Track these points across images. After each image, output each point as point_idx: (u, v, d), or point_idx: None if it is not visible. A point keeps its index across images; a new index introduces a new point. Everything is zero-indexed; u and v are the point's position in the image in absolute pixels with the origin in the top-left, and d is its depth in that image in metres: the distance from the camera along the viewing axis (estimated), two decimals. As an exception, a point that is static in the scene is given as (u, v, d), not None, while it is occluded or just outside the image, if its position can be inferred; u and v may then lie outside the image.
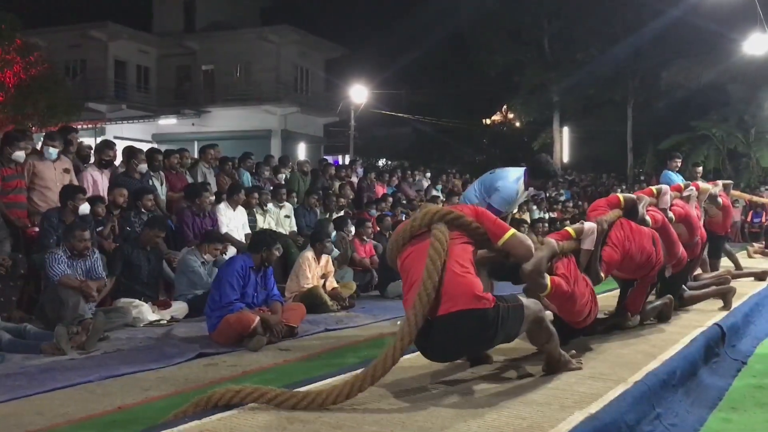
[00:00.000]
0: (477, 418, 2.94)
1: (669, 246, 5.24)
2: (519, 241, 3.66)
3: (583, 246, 4.40)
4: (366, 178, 13.37)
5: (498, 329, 3.35)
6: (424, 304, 3.25)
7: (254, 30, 29.82)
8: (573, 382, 3.55)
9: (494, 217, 3.78)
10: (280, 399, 3.07)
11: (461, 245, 3.52)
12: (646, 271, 4.94)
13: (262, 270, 5.90)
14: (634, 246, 4.76)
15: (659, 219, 5.26)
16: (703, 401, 4.05)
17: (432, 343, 3.41)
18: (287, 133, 28.72)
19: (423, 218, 3.58)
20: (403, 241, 3.63)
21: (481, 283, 3.38)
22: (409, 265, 3.55)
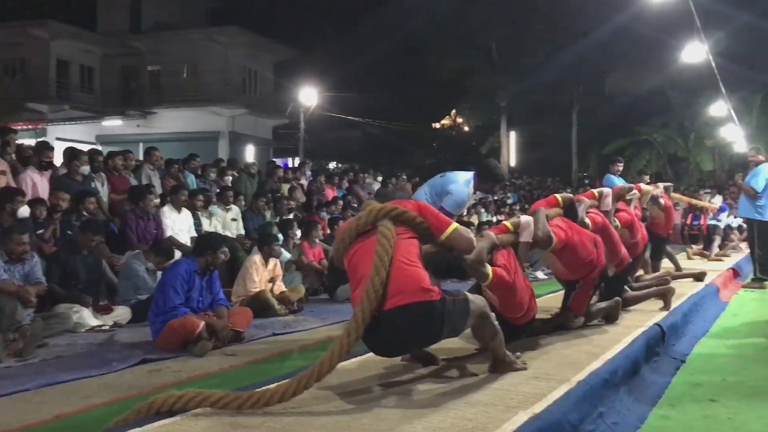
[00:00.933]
0: (423, 420, 2.94)
1: (611, 247, 5.37)
2: (461, 235, 3.73)
3: (521, 239, 4.52)
4: (316, 180, 13.30)
5: (444, 322, 3.40)
6: (372, 300, 3.28)
7: (201, 30, 29.42)
8: (518, 383, 3.59)
9: (436, 211, 3.85)
10: (224, 401, 3.03)
11: (407, 240, 3.57)
12: (588, 272, 5.02)
13: (207, 274, 5.80)
14: (576, 238, 4.85)
15: (599, 221, 5.38)
16: (644, 399, 4.14)
17: (380, 339, 3.42)
18: (235, 135, 28.41)
19: (368, 216, 3.63)
20: (350, 239, 3.67)
21: (427, 276, 3.44)
22: (356, 263, 3.58)
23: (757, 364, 5.22)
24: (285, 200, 10.64)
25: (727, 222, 15.29)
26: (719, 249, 13.97)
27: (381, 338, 3.41)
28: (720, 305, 8.09)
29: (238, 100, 28.63)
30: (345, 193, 13.48)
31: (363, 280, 3.41)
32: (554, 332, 5.05)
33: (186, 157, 11.16)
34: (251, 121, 29.13)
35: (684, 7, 10.22)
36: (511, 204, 18.33)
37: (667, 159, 26.19)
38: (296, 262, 8.68)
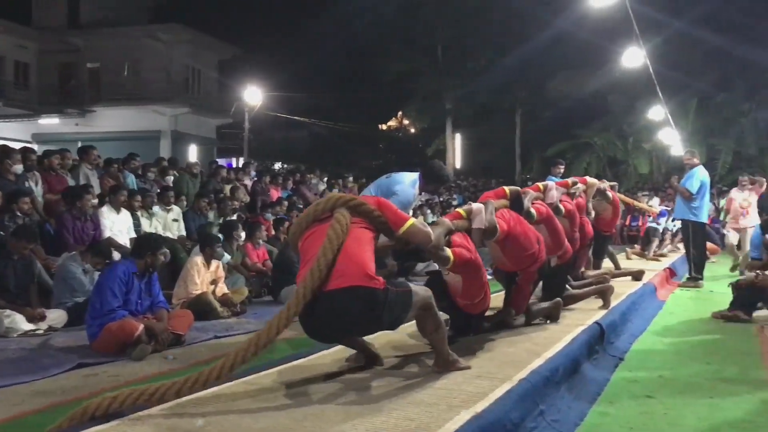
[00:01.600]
0: (365, 421, 2.92)
1: (554, 237, 5.48)
2: (418, 229, 3.84)
3: (473, 225, 4.60)
4: (260, 181, 13.16)
5: (384, 311, 3.41)
6: (315, 279, 3.30)
7: (143, 27, 28.72)
8: (461, 381, 3.60)
9: (395, 207, 3.91)
10: (161, 392, 2.99)
11: (361, 229, 3.62)
12: (528, 265, 5.10)
13: (146, 276, 5.66)
14: (520, 228, 4.95)
15: (543, 211, 5.50)
16: (584, 396, 4.20)
17: (318, 319, 3.41)
18: (178, 135, 27.88)
19: (327, 203, 3.71)
20: (306, 223, 3.73)
21: (373, 265, 3.47)
22: (308, 246, 3.62)
23: (692, 360, 5.37)
24: (228, 201, 10.50)
25: (665, 226, 15.73)
26: (656, 250, 14.35)
27: (318, 319, 3.41)
28: (657, 304, 8.31)
29: (180, 99, 28.08)
30: (290, 194, 13.37)
31: (310, 260, 3.43)
32: (497, 330, 5.10)
33: (126, 156, 10.90)
34: (194, 120, 28.62)
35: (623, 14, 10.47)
36: (456, 205, 18.45)
37: (606, 161, 26.89)
38: (239, 265, 8.54)
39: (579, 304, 6.47)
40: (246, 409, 3.11)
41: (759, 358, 5.51)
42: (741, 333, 6.56)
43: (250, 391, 3.46)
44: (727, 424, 3.74)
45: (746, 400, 4.23)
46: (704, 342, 6.19)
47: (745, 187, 11.97)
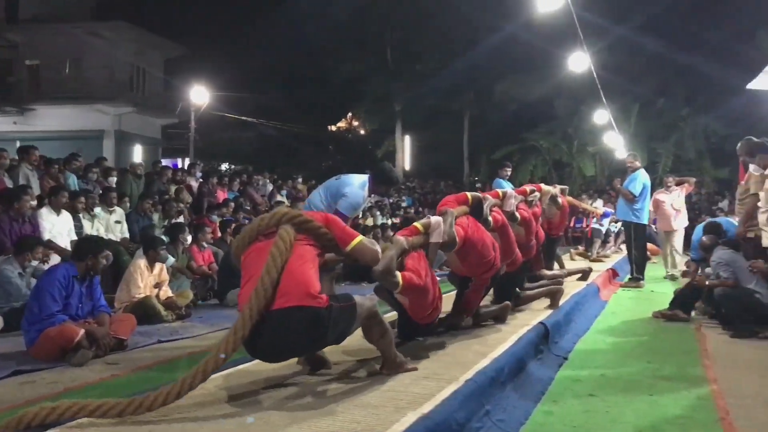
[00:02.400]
0: (312, 424, 2.90)
1: (506, 245, 5.50)
2: (366, 247, 3.81)
3: (431, 239, 4.56)
4: (207, 182, 12.94)
5: (329, 329, 3.40)
6: (260, 299, 3.25)
7: (85, 24, 27.90)
8: (408, 383, 3.61)
9: (343, 224, 3.86)
10: (103, 410, 2.88)
11: (306, 247, 3.58)
12: (483, 271, 5.13)
13: (87, 279, 5.51)
14: (478, 235, 4.95)
15: (500, 219, 5.52)
16: (529, 395, 4.27)
17: (263, 340, 3.35)
18: (122, 134, 27.22)
19: (272, 218, 3.64)
20: (250, 239, 3.66)
21: (318, 283, 3.43)
22: (250, 262, 3.56)
23: (633, 359, 5.50)
24: (173, 202, 10.31)
25: (608, 227, 16.10)
26: (600, 251, 14.69)
27: (263, 340, 3.35)
28: (600, 304, 8.49)
29: (124, 98, 27.40)
30: (237, 195, 13.21)
31: (253, 278, 3.38)
32: (445, 332, 5.14)
33: (67, 156, 10.61)
34: (139, 119, 27.98)
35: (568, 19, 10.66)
36: (405, 207, 18.55)
37: (552, 164, 27.39)
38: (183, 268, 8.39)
39: (530, 304, 6.58)
40: (190, 416, 3.05)
41: (697, 355, 5.67)
42: (680, 332, 6.76)
43: (195, 396, 3.39)
44: (665, 421, 3.84)
45: (684, 396, 4.36)
46: (645, 341, 6.35)
47: (672, 188, 11.57)
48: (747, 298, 6.45)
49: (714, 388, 4.54)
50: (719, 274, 6.69)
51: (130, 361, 5.14)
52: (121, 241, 8.92)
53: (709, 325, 7.03)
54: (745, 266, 6.56)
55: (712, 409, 4.08)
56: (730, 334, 6.51)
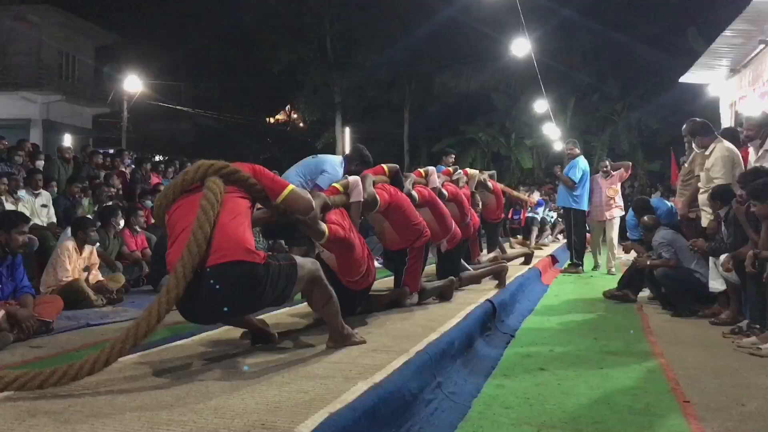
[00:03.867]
0: (255, 395, 2.69)
1: (440, 220, 5.54)
2: (298, 196, 3.60)
3: (352, 199, 4.52)
4: (140, 168, 12.46)
5: (267, 287, 3.17)
6: (194, 256, 2.99)
7: (10, 8, 26.67)
8: (356, 356, 3.44)
9: (272, 174, 3.64)
10: (22, 381, 2.61)
11: (236, 199, 3.33)
12: (414, 237, 5.10)
13: (9, 259, 5.12)
14: (402, 199, 4.99)
15: (426, 194, 5.57)
16: (479, 371, 4.15)
17: (197, 300, 3.10)
18: (50, 124, 26.10)
19: (196, 172, 3.35)
20: (174, 195, 3.36)
21: (252, 239, 3.23)
22: (176, 219, 3.27)
23: (580, 337, 5.47)
24: (104, 187, 9.83)
25: (543, 215, 16.28)
26: (537, 240, 14.82)
27: (197, 300, 3.10)
28: (542, 287, 8.52)
29: (53, 86, 26.29)
30: (172, 182, 12.75)
31: (182, 234, 3.12)
32: (389, 309, 5.01)
33: (-13, 137, 10.02)
34: (68, 108, 26.90)
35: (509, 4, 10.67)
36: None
37: (491, 157, 27.62)
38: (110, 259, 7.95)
39: (472, 285, 6.51)
40: (121, 389, 2.80)
41: (641, 333, 5.69)
42: (623, 311, 6.81)
43: (125, 371, 3.14)
44: (617, 392, 3.79)
45: (634, 369, 4.33)
46: (589, 320, 6.36)
47: (609, 174, 10.52)
48: (688, 277, 6.52)
49: (662, 361, 4.53)
50: (661, 254, 6.74)
51: (56, 344, 4.78)
52: (47, 226, 8.45)
53: (649, 306, 7.11)
54: (686, 246, 6.62)
55: (661, 380, 4.05)
56: (671, 313, 6.57)
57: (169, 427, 2.27)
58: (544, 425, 3.14)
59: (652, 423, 3.23)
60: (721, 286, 6.09)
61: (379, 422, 2.58)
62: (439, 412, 3.20)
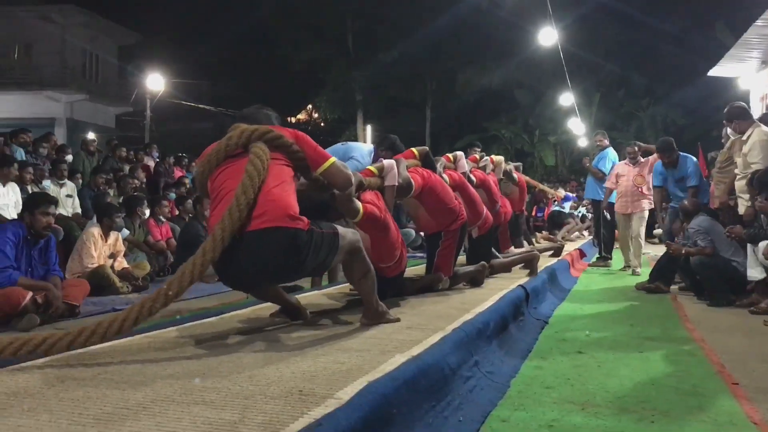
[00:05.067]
0: (290, 366, 2.58)
1: (470, 204, 5.45)
2: (339, 170, 3.47)
3: (386, 183, 4.42)
4: (164, 162, 12.46)
5: (309, 254, 3.07)
6: (234, 220, 2.90)
7: (35, 8, 26.94)
8: (390, 332, 3.33)
9: (315, 144, 3.49)
10: (50, 342, 2.54)
11: (281, 167, 3.22)
12: (450, 220, 4.99)
13: (41, 243, 5.08)
14: (436, 181, 4.88)
15: (456, 178, 5.51)
16: (515, 353, 4.03)
17: (236, 264, 3.02)
18: (74, 123, 26.33)
19: (240, 137, 3.23)
20: (216, 161, 3.25)
21: (297, 206, 3.10)
22: (219, 184, 3.19)
23: (615, 323, 5.33)
24: (128, 179, 9.82)
25: (570, 211, 16.06)
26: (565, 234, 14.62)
27: (236, 264, 3.02)
28: (572, 279, 8.35)
29: (77, 85, 26.53)
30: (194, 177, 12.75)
31: (225, 198, 3.03)
32: (421, 293, 4.90)
33: (14, 130, 10.04)
34: (91, 108, 27.12)
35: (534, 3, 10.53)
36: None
37: (514, 154, 27.40)
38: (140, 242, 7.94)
39: (503, 273, 6.41)
40: (151, 359, 2.71)
41: (678, 320, 5.53)
42: (657, 301, 6.65)
43: (155, 343, 3.07)
44: (661, 374, 3.64)
45: (675, 353, 4.17)
46: (623, 309, 6.20)
47: (637, 160, 9.15)
48: (725, 266, 6.32)
49: (703, 347, 4.37)
50: (697, 242, 6.55)
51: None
52: (72, 216, 8.44)
53: (683, 296, 6.92)
54: (723, 234, 6.43)
55: (705, 363, 3.90)
56: (707, 302, 6.38)
57: (203, 393, 2.17)
58: (588, 404, 3.01)
59: (702, 403, 3.07)
60: (760, 274, 5.90)
61: (420, 393, 2.47)
62: (478, 390, 3.08)
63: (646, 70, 25.30)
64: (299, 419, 1.88)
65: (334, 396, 2.10)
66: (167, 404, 2.04)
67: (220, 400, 2.08)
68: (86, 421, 1.87)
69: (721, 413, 2.91)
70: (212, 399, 2.10)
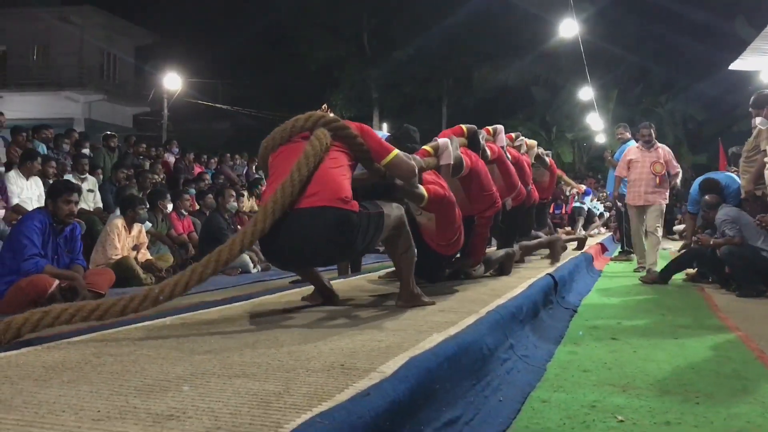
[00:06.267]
0: (328, 343, 2.54)
1: (507, 177, 5.50)
2: (403, 161, 3.52)
3: (441, 161, 4.39)
4: (184, 159, 12.49)
5: (358, 235, 3.11)
6: (287, 195, 2.94)
7: (53, 9, 27.17)
8: (425, 314, 3.29)
9: (379, 137, 3.55)
10: (103, 308, 2.54)
11: (340, 153, 3.27)
12: (487, 206, 4.96)
13: (67, 231, 5.08)
14: (480, 166, 4.88)
15: (496, 150, 5.55)
16: (548, 338, 3.96)
17: (283, 240, 3.03)
18: (91, 123, 26.45)
19: (306, 120, 3.33)
20: (281, 140, 3.35)
21: (350, 190, 3.14)
22: (279, 162, 3.27)
23: (645, 312, 5.26)
24: (148, 174, 9.83)
25: (590, 206, 15.94)
26: (584, 230, 14.50)
27: (284, 240, 3.02)
28: (595, 272, 8.27)
29: (95, 85, 26.74)
30: (213, 173, 12.78)
31: (281, 177, 3.07)
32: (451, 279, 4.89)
33: (36, 125, 10.10)
34: (109, 108, 27.29)
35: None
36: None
37: (531, 151, 27.31)
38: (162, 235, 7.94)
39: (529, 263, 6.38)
40: (186, 337, 2.67)
41: (708, 310, 5.44)
42: (684, 292, 6.59)
43: (188, 324, 3.03)
44: (700, 359, 3.56)
45: (711, 340, 4.09)
46: (652, 299, 6.13)
47: (652, 143, 8.03)
48: (754, 256, 6.22)
49: (739, 334, 4.27)
50: (725, 231, 6.44)
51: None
52: (94, 210, 8.46)
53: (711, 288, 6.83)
54: (751, 223, 6.32)
55: (744, 350, 3.81)
56: (736, 293, 6.27)
57: (243, 367, 2.13)
58: (629, 386, 2.93)
59: (745, 386, 2.99)
60: (792, 263, 5.79)
61: (461, 371, 2.42)
62: (515, 372, 3.02)
63: (664, 65, 25.05)
64: (345, 390, 1.83)
65: (377, 369, 2.05)
66: (208, 377, 2.00)
67: (261, 374, 2.04)
68: (127, 392, 1.83)
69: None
70: (253, 372, 2.06)
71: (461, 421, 2.20)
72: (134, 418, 1.58)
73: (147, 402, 1.72)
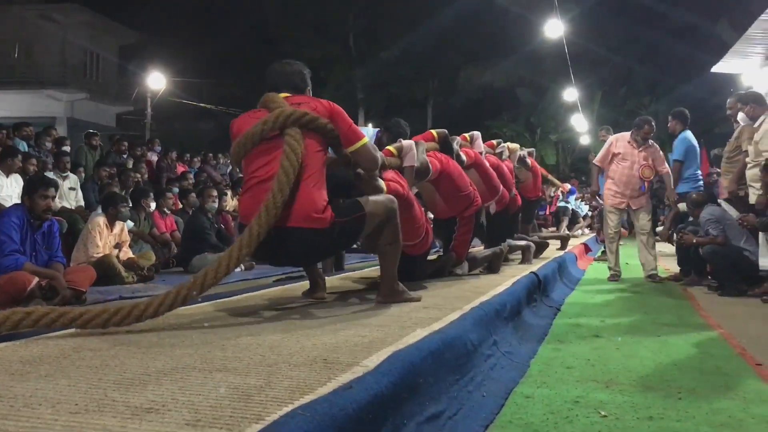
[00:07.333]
0: (310, 338, 2.52)
1: (487, 181, 5.46)
2: (369, 151, 3.52)
3: (405, 163, 4.43)
4: (166, 157, 12.39)
5: (330, 245, 3.33)
6: (271, 217, 2.97)
7: (36, 7, 26.82)
8: (409, 310, 3.28)
9: (350, 121, 3.50)
10: (85, 318, 2.50)
11: (313, 154, 3.23)
12: (465, 207, 4.98)
13: (45, 227, 5.01)
14: (452, 167, 4.89)
15: (473, 155, 5.52)
16: (531, 336, 3.96)
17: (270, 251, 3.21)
18: (74, 122, 26.21)
19: (276, 121, 3.21)
20: (252, 144, 3.26)
21: (322, 199, 3.16)
22: (254, 169, 3.26)
23: (629, 310, 5.28)
24: (131, 173, 9.73)
25: (574, 206, 15.99)
26: (568, 230, 14.55)
27: (270, 251, 3.21)
28: (579, 270, 8.30)
29: (77, 84, 26.43)
30: (197, 172, 12.69)
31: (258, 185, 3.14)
32: (437, 277, 4.87)
33: (16, 123, 9.97)
34: (92, 107, 27.01)
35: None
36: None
37: (515, 152, 27.44)
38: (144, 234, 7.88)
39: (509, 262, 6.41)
40: (168, 332, 2.65)
41: (691, 309, 5.47)
42: (668, 291, 6.60)
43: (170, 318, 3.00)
44: (682, 356, 3.57)
45: (693, 337, 4.11)
46: (635, 297, 6.16)
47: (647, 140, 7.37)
48: (736, 255, 6.26)
49: (721, 332, 4.30)
50: (708, 231, 6.48)
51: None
52: (76, 209, 8.37)
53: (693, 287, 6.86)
54: (734, 223, 6.37)
55: (726, 346, 3.83)
56: (718, 292, 6.32)
57: (225, 361, 2.10)
58: (611, 382, 2.94)
59: (727, 382, 3.01)
60: (773, 263, 5.84)
61: (445, 366, 2.41)
62: (498, 368, 3.01)
63: (649, 67, 25.22)
64: (327, 384, 1.81)
65: (360, 363, 2.04)
66: (188, 371, 1.98)
67: (243, 368, 2.02)
68: (106, 386, 1.80)
69: (749, 391, 2.84)
70: (235, 366, 2.04)
71: (445, 416, 2.19)
72: (113, 411, 1.56)
73: (126, 395, 1.70)
